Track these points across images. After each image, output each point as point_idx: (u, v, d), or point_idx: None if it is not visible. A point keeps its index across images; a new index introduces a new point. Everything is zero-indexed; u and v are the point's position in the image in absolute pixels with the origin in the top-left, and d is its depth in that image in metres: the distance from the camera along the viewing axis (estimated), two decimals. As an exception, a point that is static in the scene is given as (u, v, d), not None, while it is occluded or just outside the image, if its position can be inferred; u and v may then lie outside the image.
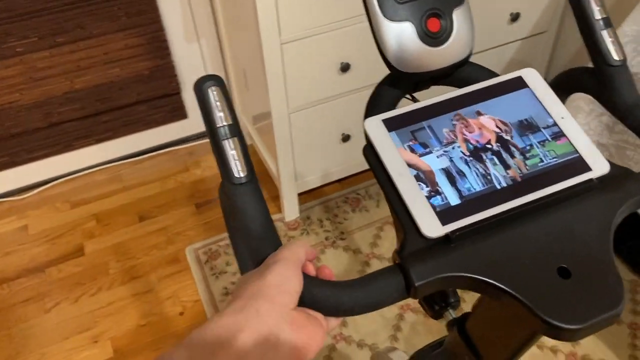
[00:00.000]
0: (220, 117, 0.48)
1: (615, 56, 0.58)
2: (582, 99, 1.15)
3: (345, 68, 1.47)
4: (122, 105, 1.86)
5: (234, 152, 0.48)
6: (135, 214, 1.83)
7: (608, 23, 0.59)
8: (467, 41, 0.54)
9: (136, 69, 1.81)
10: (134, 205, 1.86)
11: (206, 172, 1.99)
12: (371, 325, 1.47)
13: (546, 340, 1.44)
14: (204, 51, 1.88)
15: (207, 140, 2.13)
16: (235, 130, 0.48)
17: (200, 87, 0.48)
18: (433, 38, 0.52)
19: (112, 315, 1.56)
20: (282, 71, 1.40)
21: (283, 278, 0.42)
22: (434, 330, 1.46)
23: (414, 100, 0.60)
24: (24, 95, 1.72)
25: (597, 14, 0.58)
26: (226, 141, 0.48)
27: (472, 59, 0.58)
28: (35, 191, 1.92)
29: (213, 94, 0.48)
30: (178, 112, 1.99)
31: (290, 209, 1.76)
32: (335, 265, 1.62)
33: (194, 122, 2.05)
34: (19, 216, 1.86)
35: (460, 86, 0.58)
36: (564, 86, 0.65)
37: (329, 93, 1.52)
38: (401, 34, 0.51)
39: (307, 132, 1.58)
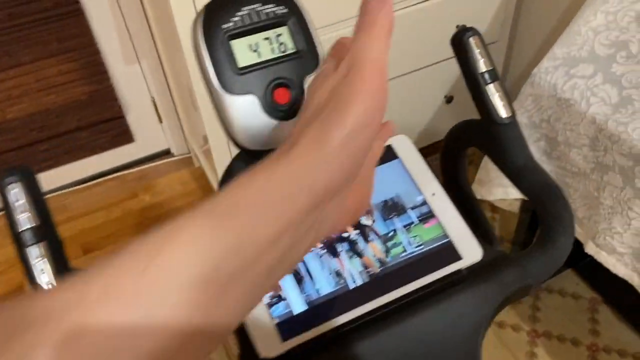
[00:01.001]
0: (24, 219, 0.41)
1: (503, 113, 0.52)
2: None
3: (282, 91, 1.40)
4: (61, 132, 1.78)
5: (39, 260, 0.41)
6: (79, 247, 1.75)
7: (494, 76, 0.52)
8: (325, 110, 0.47)
9: (73, 95, 1.73)
10: (78, 236, 1.78)
11: (155, 197, 1.91)
12: None
13: (502, 367, 1.39)
14: (146, 72, 1.80)
15: (157, 162, 2.05)
16: (45, 232, 0.41)
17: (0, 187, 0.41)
18: (282, 111, 0.45)
19: (51, 358, 1.48)
20: (214, 98, 1.33)
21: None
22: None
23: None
24: (-46, 127, 1.64)
25: (481, 66, 0.52)
26: (31, 248, 0.41)
27: (419, 74, 0.52)
28: (-24, 225, 1.84)
29: (14, 193, 0.41)
30: (123, 136, 1.91)
31: (239, 236, 1.69)
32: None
33: (141, 145, 1.97)
34: (-43, 253, 1.77)
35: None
36: (458, 140, 0.59)
37: (268, 117, 1.45)
38: (244, 109, 0.45)
39: (250, 157, 1.51)
